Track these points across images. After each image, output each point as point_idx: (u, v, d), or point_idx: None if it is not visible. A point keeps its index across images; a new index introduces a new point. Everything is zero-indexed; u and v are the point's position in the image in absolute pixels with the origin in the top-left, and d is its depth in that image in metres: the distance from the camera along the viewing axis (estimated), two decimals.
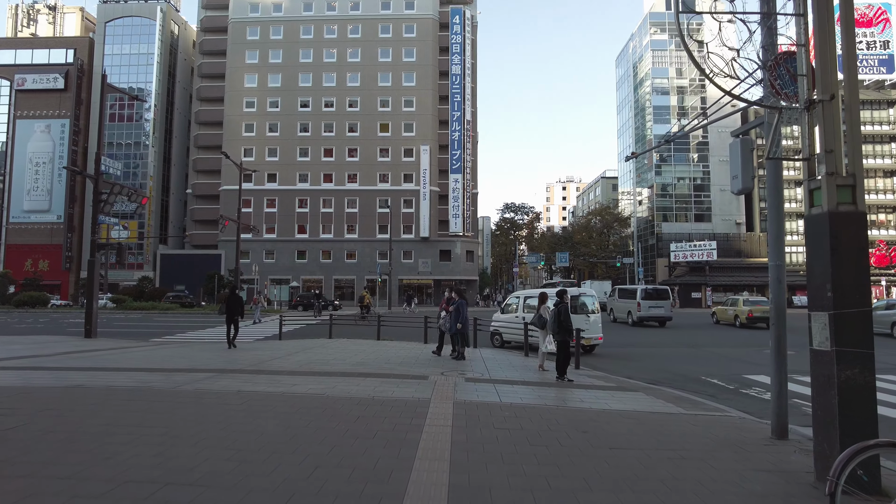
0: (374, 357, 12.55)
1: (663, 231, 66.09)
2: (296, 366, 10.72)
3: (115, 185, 20.07)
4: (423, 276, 56.96)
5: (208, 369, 9.84)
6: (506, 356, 13.66)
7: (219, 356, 12.55)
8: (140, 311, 35.84)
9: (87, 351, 14.21)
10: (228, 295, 15.67)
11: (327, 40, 60.41)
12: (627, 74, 77.65)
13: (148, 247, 60.20)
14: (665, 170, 67.32)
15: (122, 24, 61.90)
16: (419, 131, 58.42)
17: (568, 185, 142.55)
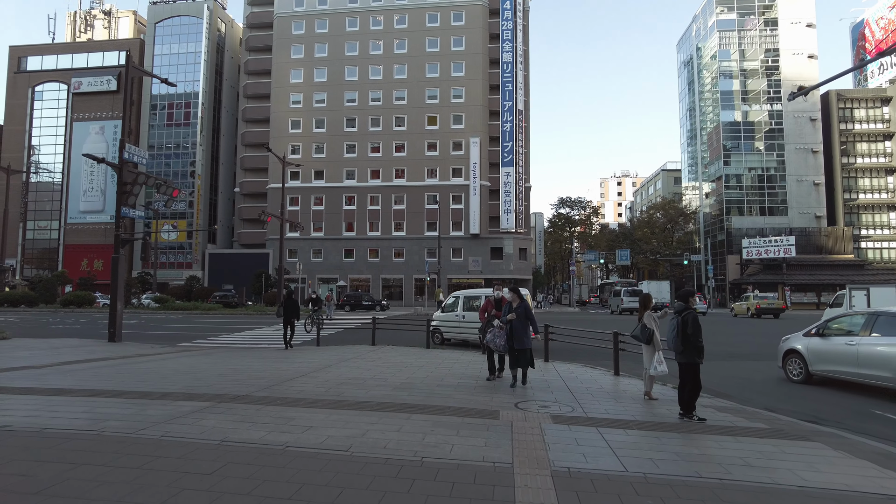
0: (423, 375, 9.93)
1: (733, 226, 61.08)
2: (322, 388, 8.22)
3: (139, 174, 18.30)
4: (473, 274, 54.28)
5: (205, 395, 7.46)
6: (587, 373, 10.80)
7: (234, 371, 10.24)
8: (182, 311, 34.72)
9: (96, 360, 12.27)
10: (286, 299, 15.47)
11: (373, 32, 58.57)
12: (690, 58, 72.55)
13: (196, 246, 60.00)
14: (734, 160, 62.18)
15: (170, 23, 62.03)
16: (468, 123, 55.75)
17: (623, 180, 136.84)
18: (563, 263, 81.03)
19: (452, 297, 17.38)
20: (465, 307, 16.50)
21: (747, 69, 62.90)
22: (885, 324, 9.01)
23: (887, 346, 8.77)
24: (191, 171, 60.44)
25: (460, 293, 17.36)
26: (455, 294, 17.42)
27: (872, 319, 9.29)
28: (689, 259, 59.02)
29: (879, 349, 8.91)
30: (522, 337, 8.72)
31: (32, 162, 63.77)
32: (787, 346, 10.93)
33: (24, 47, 66.14)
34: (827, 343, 9.91)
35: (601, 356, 13.94)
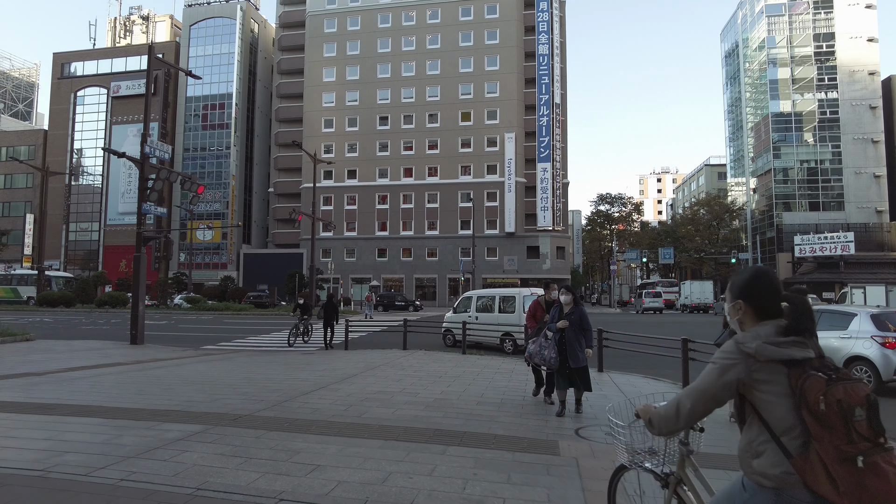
0: (460, 388, 8.57)
1: (784, 222, 57.70)
2: (341, 406, 6.95)
3: (161, 169, 17.51)
4: (508, 274, 52.68)
5: (202, 415, 6.29)
6: (651, 386, 9.27)
7: (247, 381, 9.10)
8: (213, 311, 34.28)
9: (106, 365, 11.37)
10: (326, 302, 16.08)
11: (406, 28, 57.60)
12: (735, 47, 69.21)
13: (231, 247, 60.13)
14: (784, 152, 58.80)
15: (204, 25, 62.40)
16: (503, 118, 54.17)
17: (663, 177, 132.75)
18: (603, 262, 78.58)
19: (465, 296, 16.76)
20: (479, 307, 16.00)
21: (797, 56, 59.38)
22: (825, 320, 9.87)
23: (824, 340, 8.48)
24: (225, 171, 60.60)
25: (473, 292, 16.83)
26: (468, 294, 16.81)
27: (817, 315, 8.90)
28: (736, 257, 56.00)
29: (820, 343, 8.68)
30: (577, 351, 6.80)
31: (75, 165, 65.15)
32: None
33: (67, 53, 67.66)
34: None
35: (659, 365, 12.35)
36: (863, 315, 9.66)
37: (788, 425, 1.79)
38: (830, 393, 1.71)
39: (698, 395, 1.99)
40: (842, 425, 1.68)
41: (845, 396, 1.69)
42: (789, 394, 1.80)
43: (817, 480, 1.70)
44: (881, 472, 1.63)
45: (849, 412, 1.68)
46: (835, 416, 1.68)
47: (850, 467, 1.66)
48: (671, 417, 2.07)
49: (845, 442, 1.67)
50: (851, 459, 1.66)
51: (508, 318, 15.03)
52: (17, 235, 61.04)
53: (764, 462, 1.82)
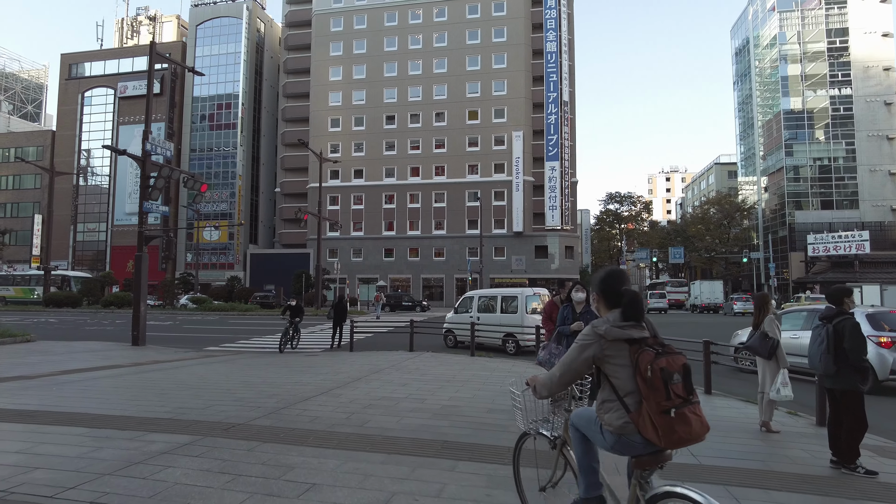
0: (470, 394, 8.11)
1: (797, 221, 56.82)
2: (342, 413, 6.51)
3: (162, 167, 17.17)
4: (516, 274, 52.15)
5: (192, 424, 5.87)
6: None
7: (245, 385, 8.68)
8: (219, 312, 34.00)
9: (102, 368, 10.99)
10: (336, 302, 16.06)
11: (412, 26, 57.20)
12: (746, 44, 68.33)
13: (238, 247, 59.95)
14: (797, 150, 57.89)
15: (211, 25, 62.30)
16: (511, 116, 53.66)
17: (672, 176, 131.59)
18: (612, 262, 77.84)
19: (466, 296, 16.46)
20: (481, 308, 15.72)
21: (810, 52, 58.43)
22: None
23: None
24: (232, 171, 60.44)
25: (474, 292, 16.55)
26: (469, 293, 16.50)
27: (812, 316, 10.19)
28: (748, 256, 55.15)
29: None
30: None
31: (84, 166, 65.25)
32: (736, 340, 11.71)
33: (74, 54, 67.78)
34: None
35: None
36: (858, 315, 9.28)
37: (630, 389, 2.38)
38: (656, 363, 2.28)
39: (566, 368, 2.54)
40: (662, 387, 2.26)
41: (667, 365, 2.28)
42: (629, 364, 2.37)
43: (645, 428, 2.30)
44: (686, 420, 2.27)
45: (668, 377, 2.26)
46: (658, 380, 2.27)
47: (667, 417, 2.25)
48: (548, 384, 2.62)
49: (664, 399, 2.26)
50: (667, 411, 2.25)
51: (511, 318, 14.79)
52: (26, 235, 61.23)
53: (611, 416, 2.43)
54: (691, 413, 2.28)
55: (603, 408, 2.48)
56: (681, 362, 2.31)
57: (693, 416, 2.29)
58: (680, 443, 2.28)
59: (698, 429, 2.29)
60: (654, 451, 2.36)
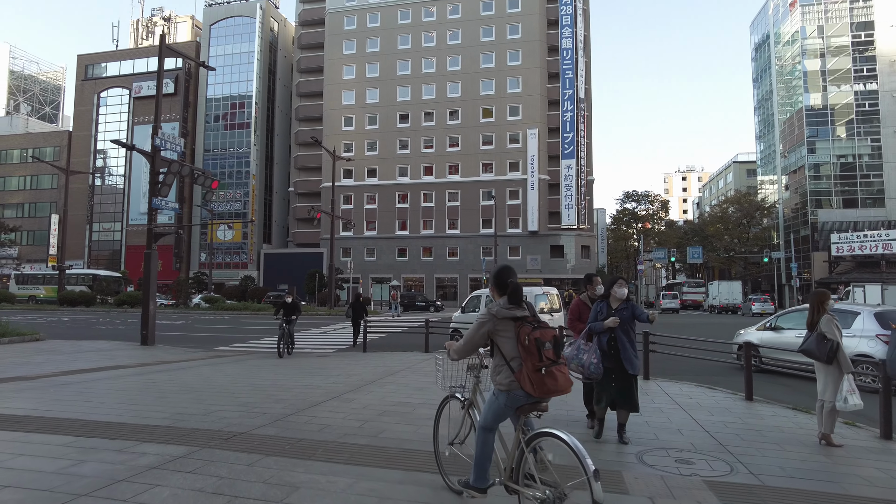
0: None
1: (819, 220, 55.39)
2: (355, 421, 5.96)
3: (172, 162, 16.77)
4: (531, 274, 51.34)
5: (191, 433, 5.36)
6: (707, 397, 8.11)
7: (252, 388, 8.18)
8: (231, 311, 33.70)
9: (107, 369, 10.57)
10: (354, 301, 16.40)
11: (426, 24, 56.69)
12: (766, 39, 66.93)
13: (252, 246, 59.85)
14: (820, 147, 56.46)
15: (224, 25, 62.32)
16: (526, 114, 52.92)
17: (689, 175, 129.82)
18: (629, 262, 76.74)
19: (474, 295, 16.11)
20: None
21: (833, 46, 56.94)
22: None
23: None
24: (245, 171, 60.37)
25: (482, 291, 16.16)
26: (477, 292, 16.16)
27: None
28: (769, 256, 53.83)
29: None
30: (631, 356, 5.54)
31: (101, 167, 65.65)
32: (741, 339, 11.72)
33: (91, 55, 68.22)
34: (779, 336, 10.81)
35: (708, 371, 11.20)
36: (866, 313, 9.55)
37: (514, 355, 3.15)
38: (532, 334, 3.06)
39: (468, 340, 3.34)
40: (536, 351, 3.02)
41: (540, 336, 3.06)
42: (513, 336, 3.16)
43: (525, 383, 3.04)
44: (554, 376, 3.02)
45: (541, 345, 3.02)
46: (533, 346, 3.03)
47: (539, 374, 3.00)
48: (459, 349, 3.42)
49: (538, 360, 3.01)
50: (540, 370, 3.00)
51: None
52: (43, 235, 61.68)
53: (501, 377, 3.20)
54: (558, 371, 3.07)
55: (495, 370, 3.28)
56: (552, 334, 3.13)
57: (559, 373, 3.08)
58: (549, 393, 3.08)
59: (563, 383, 3.08)
60: (532, 402, 3.14)
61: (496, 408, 3.25)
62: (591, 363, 5.42)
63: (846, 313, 9.84)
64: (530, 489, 3.01)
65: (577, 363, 5.52)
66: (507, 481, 3.23)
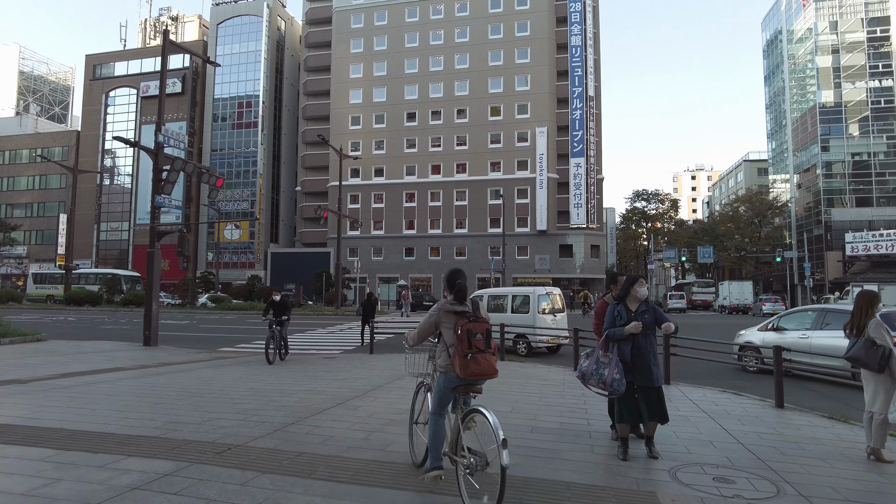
0: (505, 406, 7.09)
1: (833, 219, 54.54)
2: (360, 432, 5.53)
3: (176, 159, 16.43)
4: (540, 273, 50.85)
5: (181, 445, 4.95)
6: (735, 404, 7.61)
7: (252, 393, 7.77)
8: (238, 311, 33.38)
9: (105, 371, 10.22)
10: (366, 300, 16.32)
11: (434, 21, 56.25)
12: (778, 36, 66.00)
13: (259, 245, 59.66)
14: (834, 145, 55.56)
15: (231, 24, 62.15)
16: (534, 112, 52.37)
17: (698, 174, 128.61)
18: (638, 262, 76.00)
19: (475, 295, 15.28)
20: (490, 308, 14.89)
21: (847, 42, 56.00)
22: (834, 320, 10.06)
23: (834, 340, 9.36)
24: (252, 170, 60.17)
25: (483, 292, 16.07)
26: (478, 293, 15.90)
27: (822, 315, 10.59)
28: (782, 256, 53.00)
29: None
30: (651, 365, 4.93)
31: (109, 167, 65.69)
32: (742, 339, 11.92)
33: (99, 55, 68.27)
34: (781, 337, 10.64)
35: (727, 376, 10.74)
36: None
37: (451, 343, 3.72)
38: (465, 326, 3.63)
39: (420, 329, 4.01)
40: (466, 340, 3.58)
41: (472, 328, 3.63)
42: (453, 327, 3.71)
43: (456, 366, 3.62)
44: (478, 361, 3.56)
45: (472, 335, 3.60)
46: (464, 336, 3.60)
47: (466, 359, 3.56)
48: (413, 337, 4.09)
49: (467, 348, 3.58)
50: (467, 356, 3.56)
51: (522, 318, 14.33)
52: (52, 235, 61.81)
53: (441, 360, 3.84)
54: (482, 358, 3.61)
55: (437, 355, 3.94)
56: (484, 328, 3.69)
57: (483, 360, 3.62)
58: (474, 375, 3.61)
59: (486, 368, 3.62)
60: (465, 383, 3.71)
61: (439, 390, 3.87)
62: (613, 379, 4.84)
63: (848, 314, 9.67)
64: (464, 459, 3.54)
65: (598, 379, 4.95)
66: (450, 453, 3.77)
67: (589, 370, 5.01)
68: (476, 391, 3.77)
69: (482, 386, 3.79)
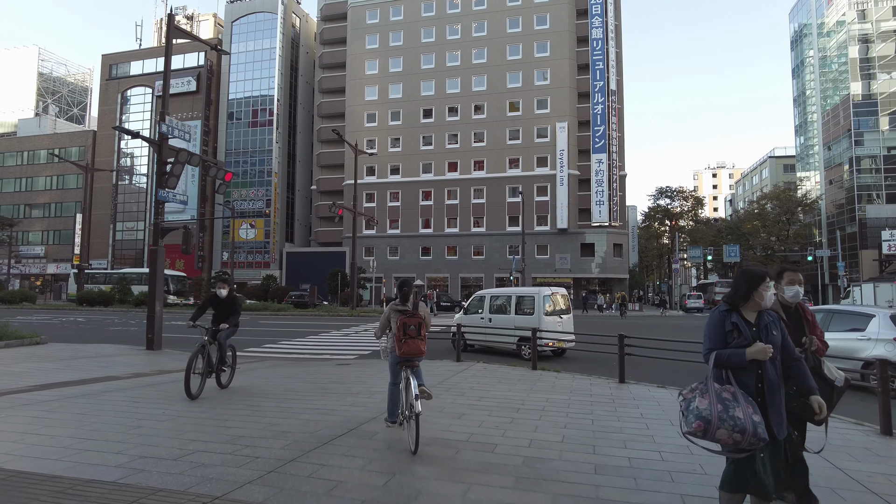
0: (553, 432, 5.84)
1: (868, 216, 52.25)
2: (380, 473, 4.34)
3: (180, 151, 15.40)
4: (560, 273, 49.38)
5: (151, 493, 3.74)
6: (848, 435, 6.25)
7: (251, 412, 6.61)
8: (251, 311, 32.41)
9: (98, 380, 9.16)
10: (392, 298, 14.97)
11: (450, 16, 55.00)
12: (807, 27, 63.67)
13: (274, 245, 58.93)
14: (868, 139, 53.27)
15: (246, 21, 61.53)
16: (554, 107, 50.87)
17: (719, 172, 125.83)
18: (661, 261, 74.07)
19: (477, 295, 15.45)
20: (492, 309, 14.53)
21: (881, 30, 53.60)
22: (841, 321, 9.76)
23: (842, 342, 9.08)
24: (267, 169, 59.46)
25: (486, 292, 15.50)
26: (481, 293, 15.42)
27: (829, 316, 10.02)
28: (813, 255, 50.87)
29: None
30: (780, 407, 3.20)
31: (129, 167, 65.51)
32: None
33: (115, 55, 68.18)
34: None
35: None
36: (881, 316, 9.14)
37: (395, 332, 5.31)
38: (402, 320, 5.25)
39: (380, 325, 5.65)
40: (402, 330, 5.21)
41: (407, 321, 5.24)
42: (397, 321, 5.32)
43: (398, 349, 5.23)
44: (409, 344, 5.20)
45: (406, 327, 5.22)
46: (402, 327, 5.21)
47: (401, 343, 5.19)
48: (377, 331, 5.73)
49: (402, 335, 5.20)
50: (402, 340, 5.20)
51: (526, 320, 13.44)
52: (68, 235, 61.72)
53: (389, 344, 5.54)
54: (412, 343, 5.20)
55: (386, 340, 5.69)
56: (417, 321, 5.29)
57: (413, 344, 5.21)
58: (407, 354, 5.24)
59: (415, 349, 5.22)
60: (405, 360, 5.33)
61: (391, 366, 5.61)
62: (751, 422, 2.99)
63: (861, 316, 9.57)
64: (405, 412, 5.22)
65: (731, 427, 2.99)
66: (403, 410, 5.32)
67: (715, 415, 3.02)
68: (412, 367, 5.34)
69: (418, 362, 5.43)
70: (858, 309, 10.14)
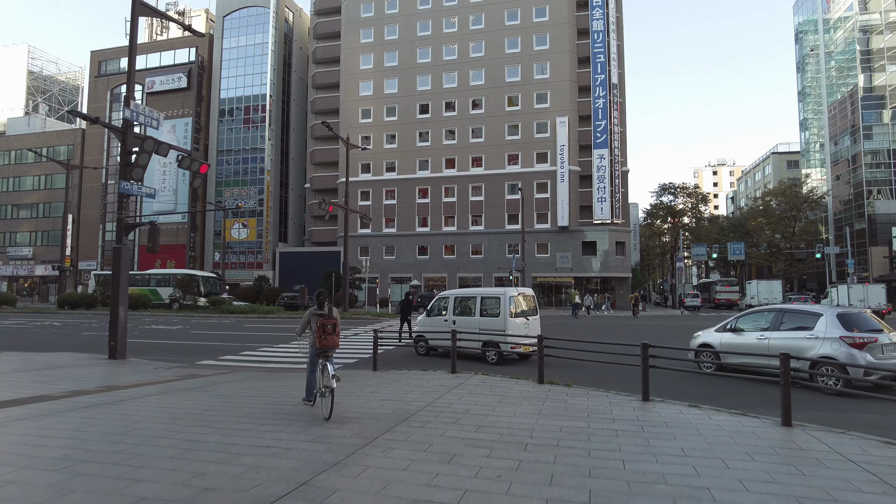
0: (578, 481, 4.37)
1: (877, 212, 50.92)
2: None
3: (146, 139, 13.92)
4: (561, 272, 47.96)
5: None
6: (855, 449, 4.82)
7: (186, 449, 5.15)
8: (237, 314, 30.91)
9: (22, 402, 7.71)
10: (403, 300, 17.89)
11: (447, 8, 53.53)
12: (811, 19, 62.29)
13: (266, 245, 57.42)
14: (877, 132, 51.91)
15: (238, 16, 60.00)
16: (554, 101, 49.42)
17: (720, 169, 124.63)
18: (663, 259, 72.68)
19: (441, 296, 14.89)
20: (458, 311, 13.92)
21: (890, 21, 52.22)
22: (791, 319, 9.99)
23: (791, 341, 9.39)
24: (259, 167, 57.94)
25: (450, 292, 14.87)
26: (445, 293, 14.84)
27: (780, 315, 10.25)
28: (822, 252, 49.51)
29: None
30: None
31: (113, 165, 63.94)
32: (698, 341, 11.46)
33: (103, 51, 66.61)
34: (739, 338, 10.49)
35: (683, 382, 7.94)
36: (829, 315, 9.35)
37: (314, 330, 7.02)
38: (321, 321, 6.91)
39: (302, 325, 7.39)
40: (321, 328, 6.88)
41: (325, 322, 6.89)
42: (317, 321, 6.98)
43: (318, 342, 6.91)
44: (328, 339, 6.87)
45: (325, 326, 6.89)
46: (321, 327, 6.89)
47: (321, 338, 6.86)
48: (298, 330, 7.45)
49: (322, 333, 6.87)
50: (322, 336, 6.86)
51: (491, 322, 13.00)
52: (57, 236, 60.12)
53: (310, 339, 7.24)
54: (329, 338, 6.80)
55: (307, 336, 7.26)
56: (332, 322, 6.88)
57: (329, 338, 6.82)
58: (324, 346, 6.84)
59: (332, 343, 6.83)
60: (322, 351, 6.87)
61: (309, 357, 7.27)
62: None
63: (809, 314, 9.70)
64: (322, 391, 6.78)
65: None
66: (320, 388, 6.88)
67: None
68: (328, 357, 6.87)
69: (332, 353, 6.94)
70: (807, 308, 10.26)
